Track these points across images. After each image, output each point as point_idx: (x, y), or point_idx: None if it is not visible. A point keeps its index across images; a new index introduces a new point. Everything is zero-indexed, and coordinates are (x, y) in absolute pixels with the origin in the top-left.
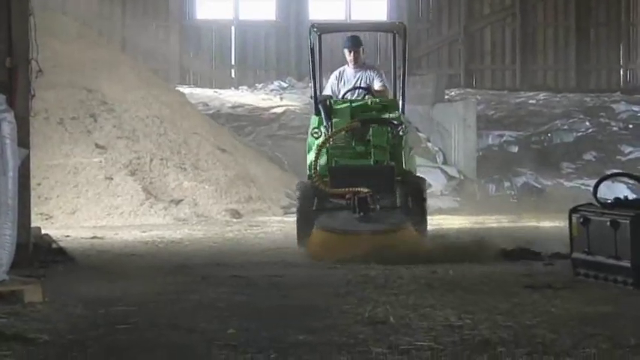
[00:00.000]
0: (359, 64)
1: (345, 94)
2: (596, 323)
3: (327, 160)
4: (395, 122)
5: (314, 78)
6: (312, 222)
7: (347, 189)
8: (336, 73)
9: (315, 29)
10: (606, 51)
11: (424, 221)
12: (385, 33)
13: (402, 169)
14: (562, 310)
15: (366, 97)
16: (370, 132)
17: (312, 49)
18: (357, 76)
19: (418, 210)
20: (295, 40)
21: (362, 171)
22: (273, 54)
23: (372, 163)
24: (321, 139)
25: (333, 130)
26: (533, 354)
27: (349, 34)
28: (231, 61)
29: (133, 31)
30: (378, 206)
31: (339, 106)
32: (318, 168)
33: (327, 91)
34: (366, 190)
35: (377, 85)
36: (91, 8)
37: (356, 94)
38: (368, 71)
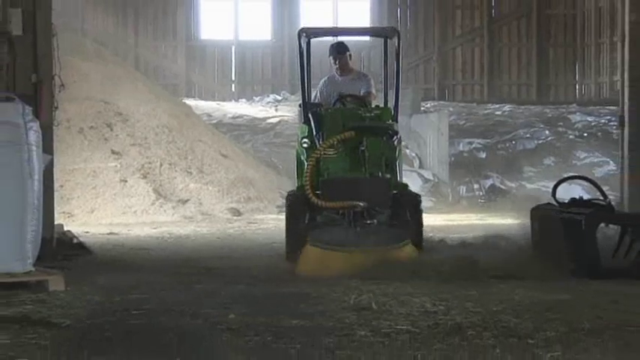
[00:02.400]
0: (347, 70)
1: (334, 102)
2: (555, 309)
3: (319, 172)
4: (390, 132)
5: (303, 84)
6: (303, 237)
7: (341, 203)
8: (325, 79)
9: (304, 34)
10: (563, 68)
11: (420, 235)
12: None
13: (396, 181)
14: (525, 298)
15: (357, 105)
16: (364, 143)
17: (301, 54)
18: (347, 84)
19: (415, 224)
20: (289, 57)
21: (356, 184)
22: (269, 70)
23: (366, 175)
24: (315, 151)
25: (325, 140)
26: (499, 337)
27: (335, 41)
28: (231, 76)
29: (145, 50)
30: (375, 220)
31: (329, 115)
32: (309, 180)
33: (316, 99)
34: (362, 203)
35: (362, 91)
36: (107, 30)
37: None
38: (357, 78)
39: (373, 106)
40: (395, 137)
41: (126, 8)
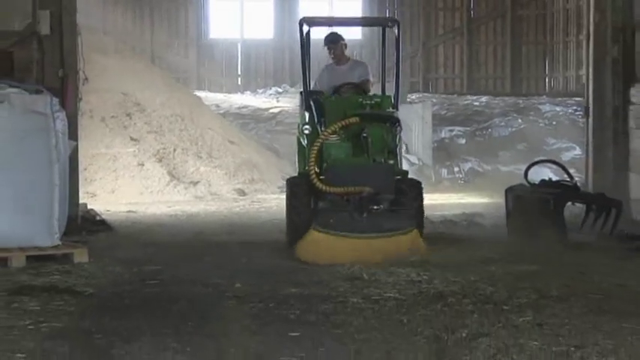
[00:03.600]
0: (344, 59)
1: (335, 90)
2: (527, 279)
3: (322, 157)
4: (392, 120)
5: (304, 72)
6: (305, 224)
7: (347, 188)
8: (325, 68)
9: (304, 23)
10: (534, 63)
11: (422, 221)
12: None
13: (398, 168)
14: (500, 269)
15: (356, 94)
16: (366, 129)
17: (302, 43)
18: (345, 72)
19: (416, 210)
20: (289, 54)
21: (360, 170)
22: (271, 65)
23: (369, 162)
24: (319, 137)
25: (327, 127)
26: (477, 303)
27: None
28: (237, 71)
29: (159, 47)
30: (381, 206)
31: (331, 103)
32: (313, 166)
33: (316, 87)
34: (368, 189)
35: (357, 78)
36: (126, 29)
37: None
38: (354, 65)
39: (371, 93)
40: (397, 125)
41: (143, 9)
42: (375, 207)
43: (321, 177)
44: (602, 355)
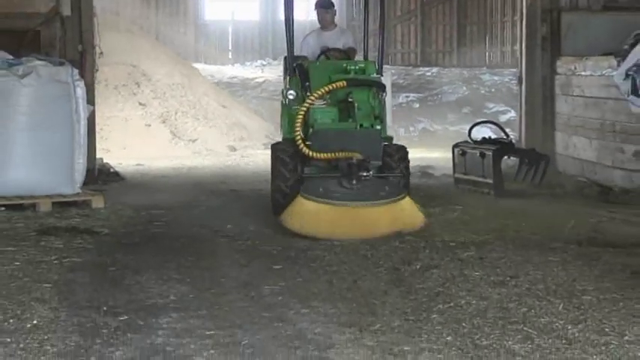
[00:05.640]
0: (332, 27)
1: (319, 55)
2: (470, 221)
3: (308, 122)
4: (378, 85)
5: (288, 37)
6: (291, 190)
7: (336, 154)
8: (311, 33)
9: None
10: (477, 40)
11: (407, 186)
12: None
13: (384, 133)
14: (447, 213)
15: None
16: (353, 94)
17: (286, 7)
18: (331, 37)
19: (405, 176)
20: (272, 33)
21: (348, 135)
22: (257, 42)
23: (357, 127)
24: (305, 101)
25: (313, 92)
26: (428, 240)
27: None
28: (228, 47)
29: (163, 26)
30: (371, 173)
31: (315, 68)
32: (299, 131)
33: (301, 52)
34: (357, 155)
35: (345, 46)
36: (135, 11)
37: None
38: (340, 32)
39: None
40: (383, 91)
41: None
42: (365, 174)
43: (307, 143)
44: (532, 283)
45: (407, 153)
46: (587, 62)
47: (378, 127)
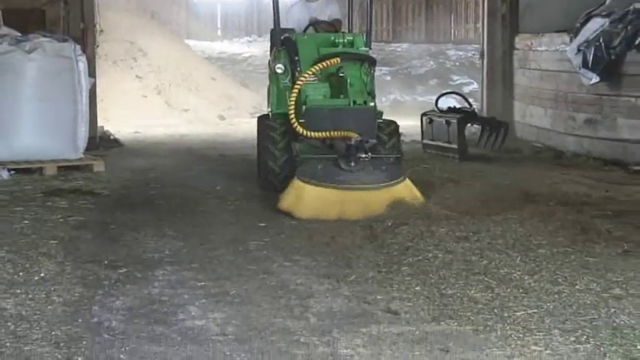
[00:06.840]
0: None
1: (307, 27)
2: (438, 183)
3: (300, 99)
4: (369, 60)
5: (274, 8)
6: (282, 169)
7: (332, 133)
8: (295, 3)
9: None
10: (443, 18)
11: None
12: None
13: (376, 110)
14: (417, 174)
15: (329, 31)
16: (344, 69)
17: None
18: (318, 8)
19: (396, 152)
20: (257, 12)
21: (342, 113)
22: (243, 20)
23: (350, 103)
24: (299, 78)
25: (305, 66)
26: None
27: None
28: (217, 25)
29: (159, 7)
30: (369, 154)
31: (303, 41)
32: (293, 109)
33: (288, 24)
34: (355, 135)
35: (328, 17)
36: None
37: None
38: (325, 3)
39: (341, 32)
40: (374, 65)
41: None
42: (364, 155)
43: (300, 120)
44: (492, 238)
45: (397, 127)
46: (542, 38)
47: (372, 104)
